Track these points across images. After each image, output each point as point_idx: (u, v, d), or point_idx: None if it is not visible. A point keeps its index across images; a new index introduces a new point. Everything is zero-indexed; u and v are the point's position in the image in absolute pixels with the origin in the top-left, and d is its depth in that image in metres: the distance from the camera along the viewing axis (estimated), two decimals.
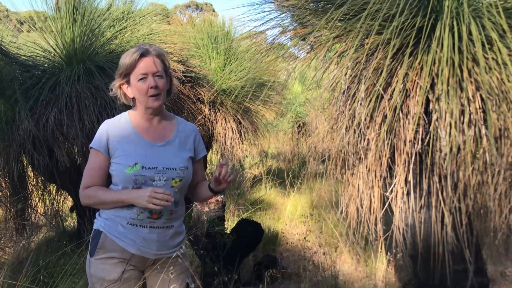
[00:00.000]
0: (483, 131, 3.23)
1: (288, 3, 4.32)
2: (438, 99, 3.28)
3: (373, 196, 3.66)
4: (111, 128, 2.58)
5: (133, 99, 2.62)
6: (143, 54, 2.51)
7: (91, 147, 2.58)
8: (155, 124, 2.64)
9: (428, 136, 3.42)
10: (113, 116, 2.76)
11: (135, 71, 2.51)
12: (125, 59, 2.53)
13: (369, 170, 3.63)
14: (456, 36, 3.23)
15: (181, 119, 2.80)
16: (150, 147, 2.57)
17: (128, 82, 2.57)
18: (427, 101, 3.42)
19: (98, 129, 2.60)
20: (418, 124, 3.40)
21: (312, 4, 4.19)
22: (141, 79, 2.50)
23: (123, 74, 2.56)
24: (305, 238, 5.08)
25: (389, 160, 3.59)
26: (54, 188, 6.30)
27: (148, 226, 2.53)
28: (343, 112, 3.79)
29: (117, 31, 6.32)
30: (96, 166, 2.56)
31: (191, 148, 2.71)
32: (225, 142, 8.32)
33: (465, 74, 3.22)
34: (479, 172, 3.28)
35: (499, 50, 3.10)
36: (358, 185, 3.73)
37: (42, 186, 6.12)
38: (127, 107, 2.70)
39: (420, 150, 3.48)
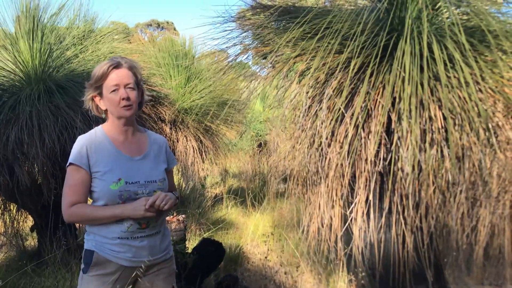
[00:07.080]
0: (445, 150, 3.25)
1: (249, 22, 4.32)
2: (399, 118, 3.29)
3: (334, 215, 3.65)
4: (89, 143, 2.55)
5: (105, 111, 2.62)
6: (115, 67, 2.53)
7: (70, 163, 2.51)
8: (130, 137, 2.66)
9: (389, 155, 3.42)
10: (74, 135, 2.72)
11: (107, 83, 2.52)
12: (97, 71, 2.54)
13: (330, 189, 3.62)
14: (418, 54, 3.25)
15: (151, 131, 2.83)
16: (130, 161, 2.59)
17: (100, 94, 2.57)
18: (389, 120, 3.42)
19: (74, 146, 2.55)
20: (379, 143, 3.40)
21: (273, 23, 4.19)
22: (113, 90, 2.51)
23: (95, 86, 2.56)
24: (266, 257, 5.06)
25: (350, 179, 3.58)
26: (15, 208, 6.23)
27: (138, 237, 2.55)
28: (305, 131, 3.78)
29: (77, 50, 6.26)
30: (79, 182, 2.50)
31: (164, 159, 2.75)
32: (186, 161, 8.29)
33: (427, 92, 3.23)
34: (441, 192, 3.29)
35: (461, 68, 3.12)
36: (319, 204, 3.71)
37: (2, 206, 6.05)
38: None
39: (381, 170, 3.48)
